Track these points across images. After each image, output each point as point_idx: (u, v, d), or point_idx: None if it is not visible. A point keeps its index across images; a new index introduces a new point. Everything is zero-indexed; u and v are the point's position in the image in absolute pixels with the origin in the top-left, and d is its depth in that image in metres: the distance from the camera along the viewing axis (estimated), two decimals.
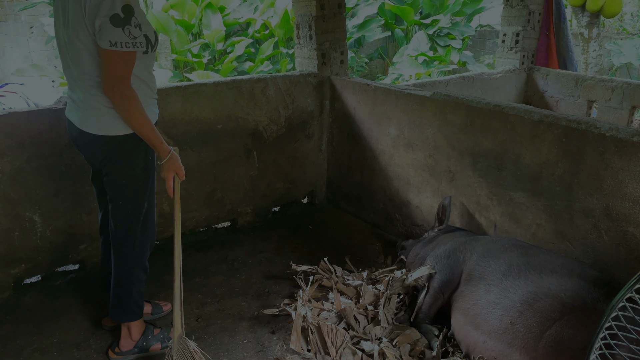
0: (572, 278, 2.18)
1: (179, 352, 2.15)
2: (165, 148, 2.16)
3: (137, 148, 2.17)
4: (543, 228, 2.68)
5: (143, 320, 2.46)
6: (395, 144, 3.43)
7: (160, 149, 2.15)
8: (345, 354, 2.25)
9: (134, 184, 2.22)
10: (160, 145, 2.14)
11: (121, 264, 2.32)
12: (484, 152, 2.89)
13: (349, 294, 2.74)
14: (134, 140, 2.14)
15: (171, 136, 3.20)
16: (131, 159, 2.19)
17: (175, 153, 2.21)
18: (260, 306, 2.79)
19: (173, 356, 2.14)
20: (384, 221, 3.69)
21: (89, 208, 3.00)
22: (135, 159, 2.20)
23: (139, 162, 2.21)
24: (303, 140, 3.88)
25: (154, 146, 2.14)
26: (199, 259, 3.29)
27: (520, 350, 2.06)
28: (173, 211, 2.29)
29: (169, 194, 2.25)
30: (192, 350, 2.14)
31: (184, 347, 2.15)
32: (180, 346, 2.16)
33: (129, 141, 2.15)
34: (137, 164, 2.21)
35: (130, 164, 2.20)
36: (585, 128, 2.41)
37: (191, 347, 2.15)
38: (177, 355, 2.15)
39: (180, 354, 2.15)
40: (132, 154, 2.18)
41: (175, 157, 2.21)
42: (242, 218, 3.74)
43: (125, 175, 2.20)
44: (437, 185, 3.22)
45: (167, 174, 2.21)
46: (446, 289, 2.54)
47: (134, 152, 2.18)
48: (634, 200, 2.26)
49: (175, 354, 2.15)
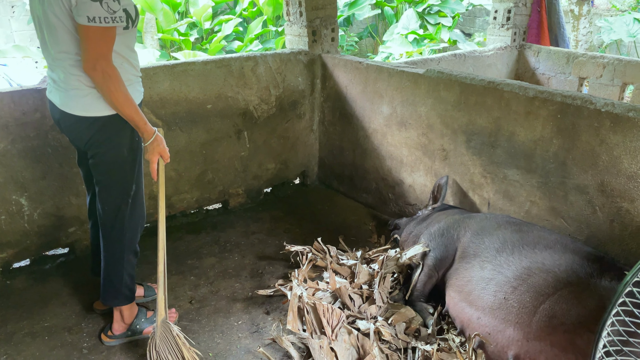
0: (566, 253, 2.18)
1: (162, 336, 2.13)
2: (149, 129, 2.09)
3: (123, 129, 2.11)
4: (537, 205, 2.67)
5: (135, 303, 2.43)
6: (388, 122, 3.39)
7: (144, 130, 2.08)
8: (341, 333, 2.25)
9: (120, 166, 2.16)
10: (144, 126, 2.07)
11: (111, 248, 2.27)
12: (478, 129, 2.86)
13: (343, 273, 2.72)
14: (119, 120, 2.07)
15: (159, 116, 3.13)
16: (117, 140, 2.13)
17: (159, 134, 2.14)
18: (254, 287, 2.77)
19: (156, 340, 2.13)
20: (377, 201, 3.68)
21: (77, 190, 2.94)
22: (121, 140, 2.13)
23: (125, 143, 2.15)
24: (294, 119, 3.82)
25: (138, 127, 2.07)
26: (191, 241, 3.25)
27: (514, 325, 2.07)
28: (157, 195, 2.23)
29: (153, 177, 2.19)
30: (175, 334, 2.12)
31: (167, 332, 2.14)
32: (163, 330, 2.15)
33: (114, 122, 2.08)
34: (123, 145, 2.14)
35: (116, 146, 2.13)
36: (580, 104, 2.38)
37: (174, 331, 2.13)
38: (160, 339, 2.13)
39: (163, 339, 2.13)
40: (117, 135, 2.12)
41: (160, 138, 2.15)
42: (233, 199, 3.70)
43: (111, 157, 2.14)
44: (431, 164, 3.20)
45: (151, 156, 2.15)
46: (440, 267, 2.54)
47: (120, 133, 2.12)
48: (629, 176, 2.26)
49: (159, 339, 2.13)
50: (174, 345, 2.11)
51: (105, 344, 2.36)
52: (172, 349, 2.10)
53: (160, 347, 2.11)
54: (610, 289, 1.96)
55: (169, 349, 2.10)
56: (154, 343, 2.13)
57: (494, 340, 2.10)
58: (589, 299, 1.97)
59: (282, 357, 2.26)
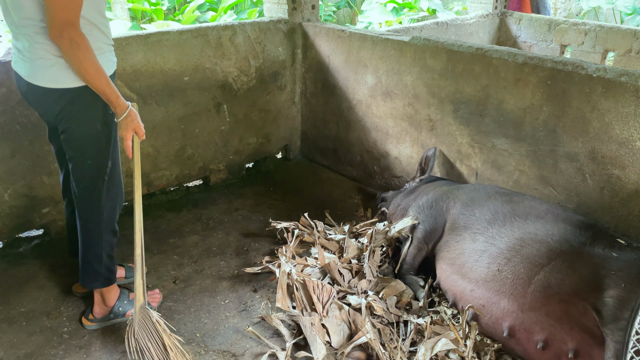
0: (558, 223, 2.16)
1: (141, 322, 2.03)
2: (122, 103, 1.94)
3: (95, 101, 1.95)
4: (526, 174, 2.64)
5: (117, 285, 2.34)
6: (373, 93, 3.30)
7: (117, 104, 1.93)
8: (332, 309, 2.20)
9: (94, 140, 2.02)
10: (116, 100, 1.92)
11: (88, 229, 2.16)
12: (466, 98, 2.79)
13: (331, 248, 2.67)
14: (90, 92, 1.92)
15: (134, 90, 2.98)
16: (89, 114, 1.98)
17: (133, 109, 2.00)
18: (240, 265, 2.70)
19: (135, 327, 2.02)
20: (362, 174, 3.61)
21: (49, 169, 2.79)
22: (94, 113, 1.99)
23: (98, 117, 2.00)
24: (275, 92, 3.70)
25: (110, 101, 1.91)
26: (172, 219, 3.15)
27: (508, 297, 2.05)
28: (133, 174, 2.10)
29: (128, 154, 2.05)
30: (154, 320, 2.03)
31: (146, 318, 2.04)
32: (142, 316, 2.04)
33: (86, 93, 1.92)
34: (96, 119, 2.00)
35: (88, 119, 1.98)
36: (571, 69, 2.33)
37: (154, 317, 2.03)
38: (139, 326, 2.02)
39: (142, 325, 2.03)
40: (90, 107, 1.97)
41: (134, 113, 2.01)
42: (214, 175, 3.59)
43: (84, 131, 2.00)
44: (417, 135, 3.13)
45: (125, 133, 2.01)
46: (430, 239, 2.50)
47: (92, 106, 1.97)
48: (620, 142, 2.23)
49: (138, 325, 2.03)
50: (154, 332, 2.01)
51: (87, 327, 2.26)
52: (151, 336, 2.00)
53: (139, 335, 2.01)
54: (603, 257, 1.95)
55: (149, 336, 2.00)
56: (132, 330, 2.03)
57: (488, 312, 2.08)
58: (583, 268, 1.95)
59: (272, 335, 2.21)
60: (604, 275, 1.89)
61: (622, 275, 1.86)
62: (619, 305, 1.80)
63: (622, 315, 1.79)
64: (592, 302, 1.86)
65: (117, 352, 2.12)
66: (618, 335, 1.77)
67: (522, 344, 2.01)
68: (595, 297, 1.86)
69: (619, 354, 1.76)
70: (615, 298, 1.82)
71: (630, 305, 1.79)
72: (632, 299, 1.80)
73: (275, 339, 2.18)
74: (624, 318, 1.78)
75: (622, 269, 1.88)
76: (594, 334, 1.86)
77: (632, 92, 2.15)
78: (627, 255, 1.94)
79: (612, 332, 1.79)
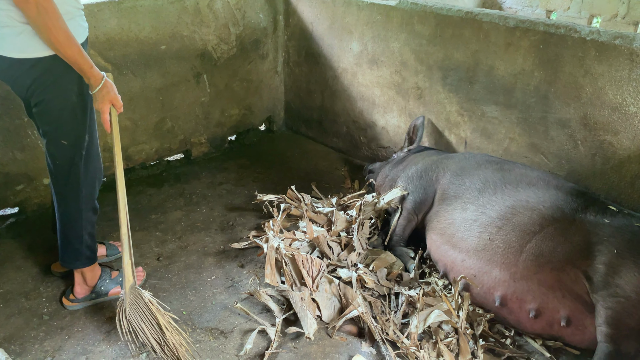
0: (549, 190, 2.12)
1: (133, 303, 1.93)
2: (96, 74, 1.82)
3: (69, 71, 1.82)
4: (516, 142, 2.59)
5: (98, 263, 2.24)
6: (359, 61, 3.20)
7: (91, 74, 1.80)
8: (322, 283, 2.15)
9: (69, 114, 1.90)
10: (90, 70, 1.79)
11: (67, 206, 2.05)
12: (455, 65, 2.71)
13: (319, 221, 2.60)
14: (62, 61, 1.79)
15: (108, 59, 2.82)
16: (63, 84, 1.85)
17: (109, 80, 1.88)
18: (226, 240, 2.62)
19: (126, 308, 1.93)
20: (349, 145, 3.53)
21: (21, 145, 2.65)
22: (68, 83, 1.86)
23: (72, 87, 1.87)
24: (257, 60, 3.56)
25: (83, 71, 1.79)
26: (154, 195, 3.04)
27: (500, 266, 2.02)
28: (112, 149, 1.99)
29: (106, 128, 1.94)
30: (147, 300, 1.92)
31: (138, 298, 1.93)
32: (133, 297, 1.94)
33: (58, 63, 1.79)
34: (70, 90, 1.87)
35: (62, 91, 1.85)
36: (564, 32, 2.26)
37: (146, 297, 1.93)
38: (131, 306, 1.93)
39: (134, 306, 1.93)
40: (63, 78, 1.84)
41: (110, 84, 1.89)
42: (196, 149, 3.48)
43: (58, 104, 1.87)
44: (405, 103, 3.05)
45: (102, 105, 1.89)
46: (420, 210, 2.46)
47: (66, 76, 1.84)
48: (613, 107, 2.18)
49: (129, 306, 1.93)
50: (147, 312, 1.91)
51: (68, 308, 2.18)
52: (145, 316, 1.90)
53: (131, 316, 1.91)
54: (595, 224, 1.92)
55: (142, 316, 1.91)
56: (124, 311, 1.93)
57: (479, 282, 2.06)
58: (575, 235, 1.92)
59: (261, 310, 2.15)
60: (596, 242, 1.87)
61: (614, 242, 1.84)
62: (610, 271, 1.79)
63: (613, 281, 1.77)
64: (583, 269, 1.84)
65: (100, 332, 2.05)
66: (609, 302, 1.76)
67: (514, 313, 1.99)
68: (586, 264, 1.84)
69: (610, 320, 1.75)
70: (607, 265, 1.80)
71: (622, 271, 1.78)
72: (623, 265, 1.79)
73: (265, 314, 2.13)
74: (615, 284, 1.77)
75: (614, 235, 1.86)
76: (585, 301, 1.85)
77: (626, 55, 2.10)
78: (619, 222, 1.91)
79: (603, 298, 1.77)
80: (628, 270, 1.77)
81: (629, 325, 1.73)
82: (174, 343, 1.87)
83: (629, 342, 1.73)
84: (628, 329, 1.73)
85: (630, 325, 1.73)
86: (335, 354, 1.94)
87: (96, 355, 1.93)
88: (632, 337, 1.74)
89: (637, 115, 2.13)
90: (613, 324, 1.74)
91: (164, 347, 1.88)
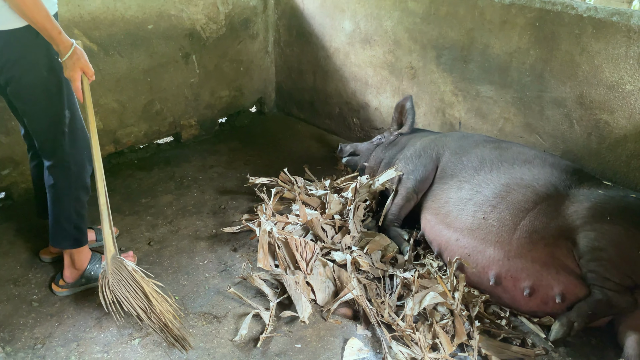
0: (545, 167, 2.11)
1: (115, 273, 1.87)
2: (65, 40, 1.74)
3: (36, 44, 1.75)
4: (511, 122, 2.56)
5: (88, 247, 2.20)
6: (351, 40, 3.13)
7: (59, 40, 1.72)
8: (316, 266, 2.12)
9: (43, 89, 1.83)
10: (58, 35, 1.71)
11: (56, 185, 1.99)
12: (449, 43, 2.66)
13: (313, 204, 2.57)
14: (30, 33, 1.71)
15: (94, 39, 2.74)
16: (31, 59, 1.77)
17: (79, 47, 1.80)
18: (218, 224, 2.58)
19: (109, 278, 1.86)
20: (341, 126, 3.48)
21: (5, 128, 2.58)
22: (37, 57, 1.78)
23: (42, 62, 1.79)
24: (247, 40, 3.49)
25: (52, 37, 1.71)
26: (143, 178, 2.99)
27: (494, 244, 2.01)
28: (86, 118, 1.92)
29: (78, 97, 1.87)
30: (130, 270, 1.86)
31: (121, 268, 1.87)
32: (115, 267, 1.88)
33: (23, 35, 1.72)
34: (41, 65, 1.79)
35: (31, 65, 1.78)
36: (561, 9, 2.22)
37: (129, 266, 1.87)
38: (114, 277, 1.86)
39: (116, 276, 1.86)
40: (30, 52, 1.76)
41: (80, 51, 1.80)
42: (186, 131, 3.41)
43: (29, 80, 1.80)
44: (398, 84, 3.00)
45: (72, 73, 1.80)
46: (421, 189, 2.41)
47: (33, 50, 1.76)
48: (609, 85, 2.15)
49: (112, 276, 1.86)
50: (131, 281, 1.85)
51: (57, 294, 2.14)
52: (129, 286, 1.84)
53: (114, 286, 1.85)
54: (589, 194, 1.92)
55: (126, 286, 1.84)
56: (106, 282, 1.86)
57: (473, 262, 2.04)
58: (569, 208, 1.92)
59: (254, 295, 2.13)
60: (589, 207, 1.87)
61: (608, 208, 1.85)
62: (599, 237, 1.80)
63: (598, 245, 1.79)
64: (573, 237, 1.85)
65: (91, 318, 2.01)
66: (592, 265, 1.79)
67: (509, 291, 1.98)
68: (577, 232, 1.85)
69: (593, 281, 1.81)
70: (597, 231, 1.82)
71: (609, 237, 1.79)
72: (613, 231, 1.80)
73: (259, 298, 2.10)
74: (600, 248, 1.78)
75: (608, 202, 1.87)
76: (579, 275, 1.86)
77: (623, 32, 2.06)
78: (614, 192, 1.93)
79: (586, 262, 1.80)
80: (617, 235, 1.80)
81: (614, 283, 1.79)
82: (160, 310, 1.82)
83: (620, 295, 1.79)
84: (614, 285, 1.79)
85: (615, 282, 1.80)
86: (330, 337, 1.92)
87: (87, 341, 1.90)
88: (621, 291, 1.79)
89: (633, 93, 2.10)
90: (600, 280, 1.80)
91: (151, 315, 1.82)
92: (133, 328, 1.95)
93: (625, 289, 1.80)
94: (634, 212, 1.85)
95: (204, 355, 1.83)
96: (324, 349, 1.87)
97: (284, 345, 1.88)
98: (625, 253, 1.80)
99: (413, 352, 1.80)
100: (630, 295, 1.79)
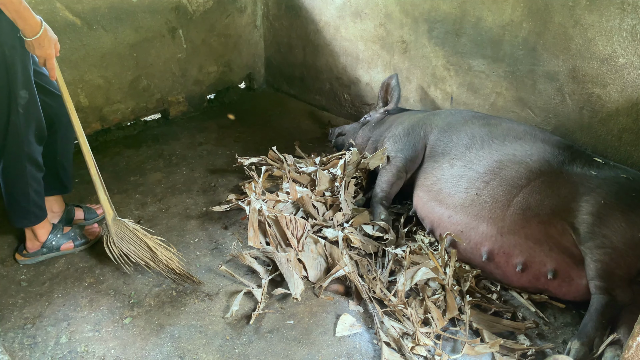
0: (537, 143, 2.09)
1: (119, 232, 2.05)
2: (36, 18, 1.69)
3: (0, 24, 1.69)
4: (503, 96, 2.54)
5: (48, 220, 2.20)
6: (341, 13, 3.07)
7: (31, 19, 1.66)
8: (308, 243, 2.11)
9: (3, 69, 1.77)
10: (30, 14, 1.65)
11: (10, 165, 1.96)
12: (441, 16, 2.62)
13: (303, 181, 2.55)
14: None
15: (76, 13, 2.66)
16: None
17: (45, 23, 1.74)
18: (208, 202, 2.56)
19: (113, 238, 2.04)
20: (332, 102, 3.44)
21: None
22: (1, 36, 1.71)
23: (4, 40, 1.73)
24: (235, 14, 3.41)
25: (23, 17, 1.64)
26: (131, 156, 2.94)
27: (487, 221, 2.00)
28: (62, 94, 1.93)
29: (52, 75, 1.85)
30: (132, 228, 2.05)
31: (122, 227, 2.06)
32: (117, 227, 2.06)
33: None
34: (2, 43, 1.73)
35: None
36: None
37: (130, 226, 2.06)
38: (117, 236, 2.04)
39: (120, 234, 2.04)
40: None
41: (48, 28, 1.75)
42: (174, 108, 3.35)
43: None
44: (389, 58, 2.96)
45: (49, 51, 1.77)
46: (410, 167, 2.40)
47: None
48: (602, 59, 2.13)
49: (115, 235, 2.04)
50: (135, 238, 2.04)
51: (20, 263, 2.17)
52: (133, 242, 2.04)
53: (120, 243, 2.04)
54: (582, 175, 1.91)
55: (131, 242, 2.04)
56: (111, 239, 2.04)
57: (466, 238, 2.04)
58: (562, 187, 1.91)
59: (246, 272, 2.12)
60: (583, 192, 1.86)
61: (601, 193, 1.83)
62: (597, 222, 1.79)
63: (600, 232, 1.77)
64: (570, 221, 1.84)
65: (81, 298, 2.00)
66: (597, 254, 1.76)
67: (501, 267, 1.99)
68: (573, 215, 1.84)
69: (600, 272, 1.76)
70: (594, 215, 1.80)
71: (609, 222, 1.77)
72: (611, 216, 1.79)
73: (250, 276, 2.10)
74: (602, 235, 1.77)
75: (601, 186, 1.85)
76: (572, 254, 1.86)
77: (617, 4, 2.03)
78: (606, 173, 1.91)
79: (590, 250, 1.78)
80: (615, 220, 1.77)
81: (619, 275, 1.75)
82: (165, 258, 2.03)
83: (623, 291, 1.75)
84: (619, 279, 1.75)
85: (619, 275, 1.75)
86: (322, 313, 1.92)
87: (78, 320, 1.89)
88: (624, 286, 1.76)
89: (626, 66, 2.08)
90: (604, 277, 1.75)
91: (158, 263, 2.03)
92: (125, 307, 1.94)
93: (628, 283, 1.76)
94: (627, 194, 1.82)
95: (196, 333, 1.83)
96: (317, 325, 1.87)
97: (277, 322, 1.88)
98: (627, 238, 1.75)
99: (405, 327, 1.81)
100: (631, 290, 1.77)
